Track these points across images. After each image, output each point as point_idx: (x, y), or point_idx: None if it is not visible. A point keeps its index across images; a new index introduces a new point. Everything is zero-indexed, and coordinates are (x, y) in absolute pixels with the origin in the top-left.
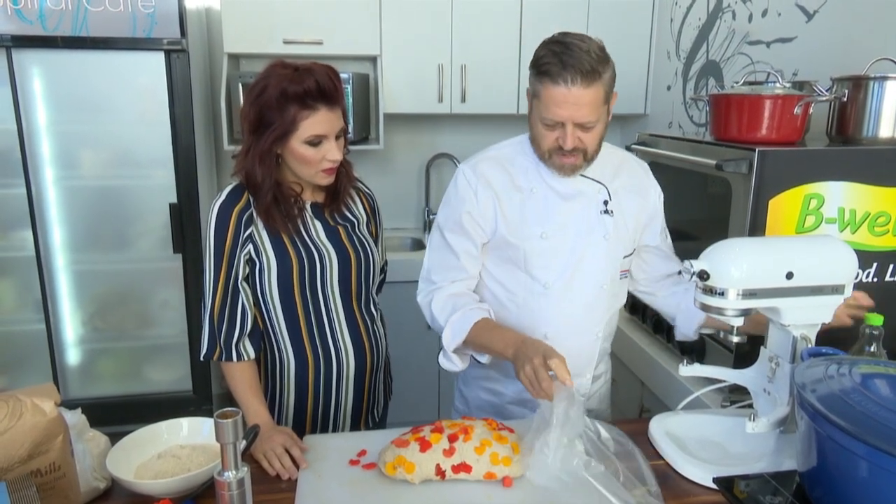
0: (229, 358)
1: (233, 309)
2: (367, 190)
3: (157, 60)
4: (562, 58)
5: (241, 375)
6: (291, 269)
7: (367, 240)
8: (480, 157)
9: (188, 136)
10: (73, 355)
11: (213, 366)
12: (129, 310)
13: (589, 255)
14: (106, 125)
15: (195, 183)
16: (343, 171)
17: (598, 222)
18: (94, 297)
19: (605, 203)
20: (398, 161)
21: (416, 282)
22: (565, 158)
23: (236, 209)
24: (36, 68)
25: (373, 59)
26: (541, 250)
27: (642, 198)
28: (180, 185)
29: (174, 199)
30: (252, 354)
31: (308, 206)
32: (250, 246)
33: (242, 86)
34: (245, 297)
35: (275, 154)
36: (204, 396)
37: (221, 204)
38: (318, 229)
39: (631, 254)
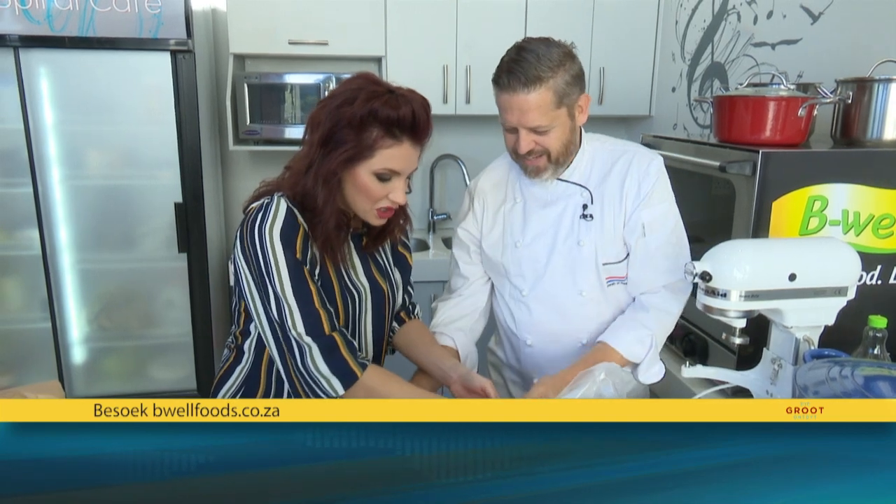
0: (363, 367)
1: (333, 322)
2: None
3: (163, 61)
4: (509, 65)
5: (387, 376)
6: (338, 314)
7: (396, 279)
8: (487, 168)
9: (194, 136)
10: (78, 354)
11: (217, 365)
12: (134, 309)
13: (562, 261)
14: (112, 125)
15: (200, 183)
16: (400, 216)
17: (574, 228)
18: (100, 295)
19: (585, 207)
20: None
21: (421, 283)
22: (528, 161)
23: (299, 239)
24: (43, 68)
25: (378, 60)
26: (516, 259)
27: (624, 195)
28: (185, 184)
29: (179, 199)
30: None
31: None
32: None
33: (248, 86)
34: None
35: (339, 176)
36: (208, 396)
37: (282, 229)
38: (356, 267)
39: (625, 259)
